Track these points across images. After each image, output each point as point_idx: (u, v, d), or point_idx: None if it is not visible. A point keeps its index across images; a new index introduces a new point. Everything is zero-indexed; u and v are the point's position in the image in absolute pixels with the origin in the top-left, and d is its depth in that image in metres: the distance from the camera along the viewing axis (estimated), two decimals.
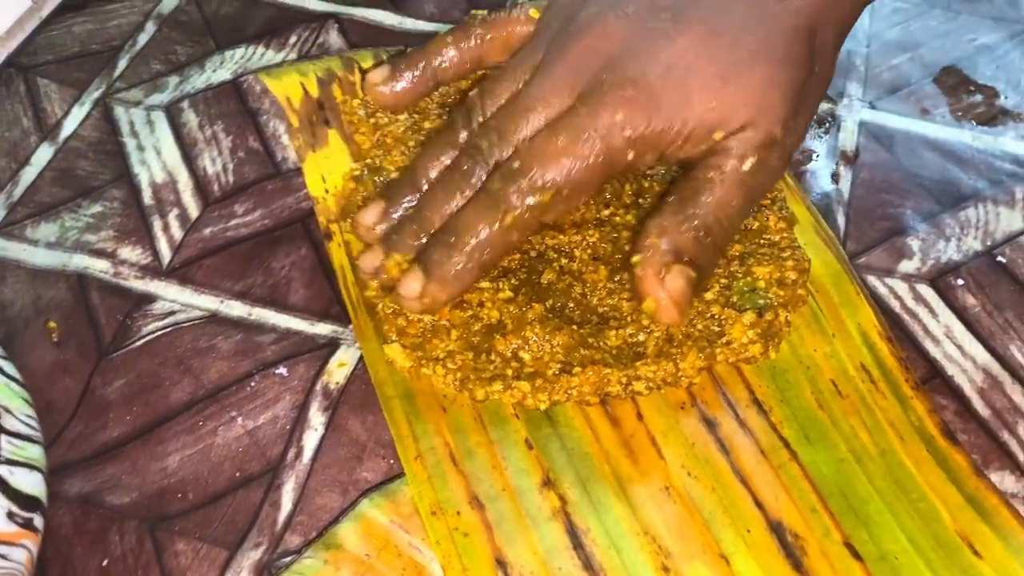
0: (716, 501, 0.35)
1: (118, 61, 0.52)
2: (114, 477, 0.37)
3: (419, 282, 0.36)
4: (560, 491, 0.35)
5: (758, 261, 0.40)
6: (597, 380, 0.37)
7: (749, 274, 0.40)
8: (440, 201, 0.37)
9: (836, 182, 0.46)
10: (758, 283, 0.40)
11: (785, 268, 0.40)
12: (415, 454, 0.36)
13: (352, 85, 0.49)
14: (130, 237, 0.44)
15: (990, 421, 0.38)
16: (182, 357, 0.40)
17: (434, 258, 0.36)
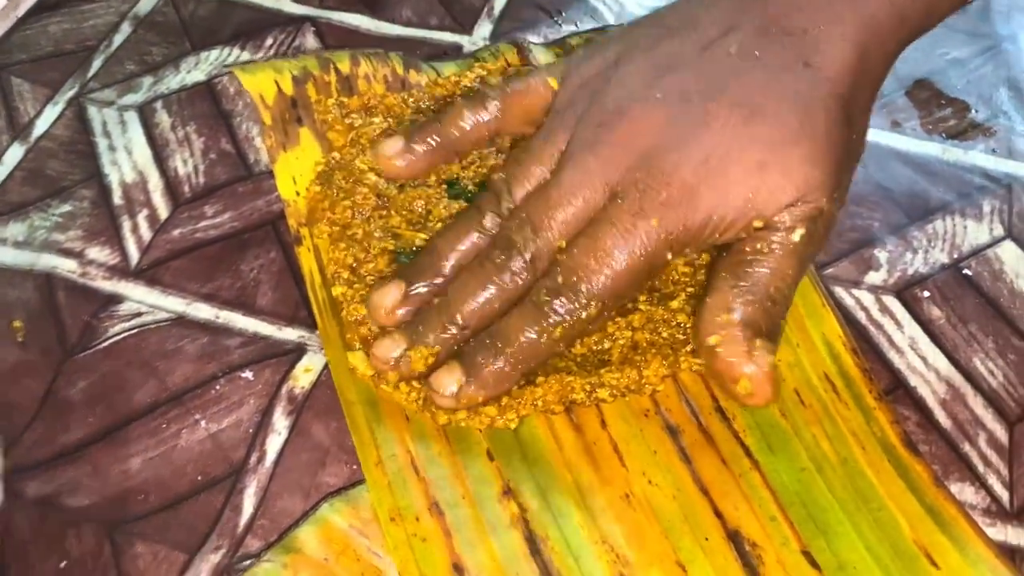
0: (676, 509, 0.35)
1: (93, 61, 0.52)
2: (74, 479, 0.37)
3: (457, 382, 0.35)
4: (520, 500, 0.35)
5: None
6: (560, 388, 0.37)
7: None
8: (470, 294, 0.36)
9: None
10: None
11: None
12: (376, 460, 0.36)
13: (327, 85, 0.49)
14: (99, 237, 0.44)
15: (951, 432, 0.39)
16: (147, 359, 0.40)
17: (477, 360, 0.35)
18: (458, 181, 0.45)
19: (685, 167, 0.35)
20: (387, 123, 0.47)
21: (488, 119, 0.41)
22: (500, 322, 0.36)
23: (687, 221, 0.34)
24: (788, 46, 0.36)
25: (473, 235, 0.38)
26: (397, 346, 0.36)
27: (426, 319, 0.37)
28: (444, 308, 0.36)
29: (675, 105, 0.36)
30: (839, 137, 0.35)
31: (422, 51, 0.53)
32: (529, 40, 0.52)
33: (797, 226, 0.35)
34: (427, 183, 0.44)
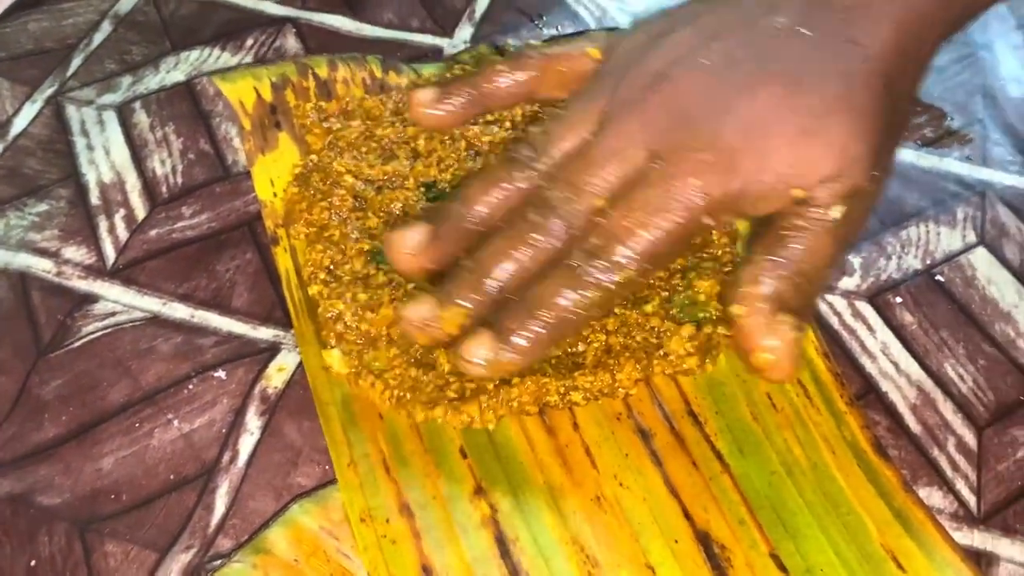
0: (646, 511, 0.35)
1: (72, 60, 0.52)
2: (46, 478, 0.37)
3: (488, 349, 0.33)
4: (491, 500, 0.35)
5: (700, 275, 0.41)
6: (536, 389, 0.37)
7: (690, 288, 0.40)
8: (504, 254, 0.35)
9: None
10: (699, 297, 0.40)
11: (726, 283, 0.40)
12: (348, 460, 0.36)
13: (305, 90, 0.49)
14: (75, 237, 0.44)
15: (921, 437, 0.39)
16: (121, 358, 0.40)
17: (510, 326, 0.34)
18: (435, 184, 0.45)
19: (728, 132, 0.34)
20: (365, 126, 0.47)
21: (524, 79, 0.40)
22: (534, 287, 0.34)
23: (727, 186, 0.34)
24: (833, 23, 0.36)
25: (505, 186, 0.36)
26: (428, 307, 0.35)
27: (457, 279, 0.35)
28: (477, 267, 0.35)
29: (719, 71, 0.35)
30: (881, 115, 0.35)
31: (402, 53, 0.53)
32: (510, 43, 0.53)
33: (835, 203, 0.34)
34: (405, 185, 0.45)
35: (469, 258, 0.35)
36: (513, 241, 0.35)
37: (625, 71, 0.37)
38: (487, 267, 0.35)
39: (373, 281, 0.41)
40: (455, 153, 0.46)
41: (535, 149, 0.36)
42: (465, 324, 0.34)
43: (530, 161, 0.36)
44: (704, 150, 0.34)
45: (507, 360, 0.34)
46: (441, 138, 0.46)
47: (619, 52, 0.38)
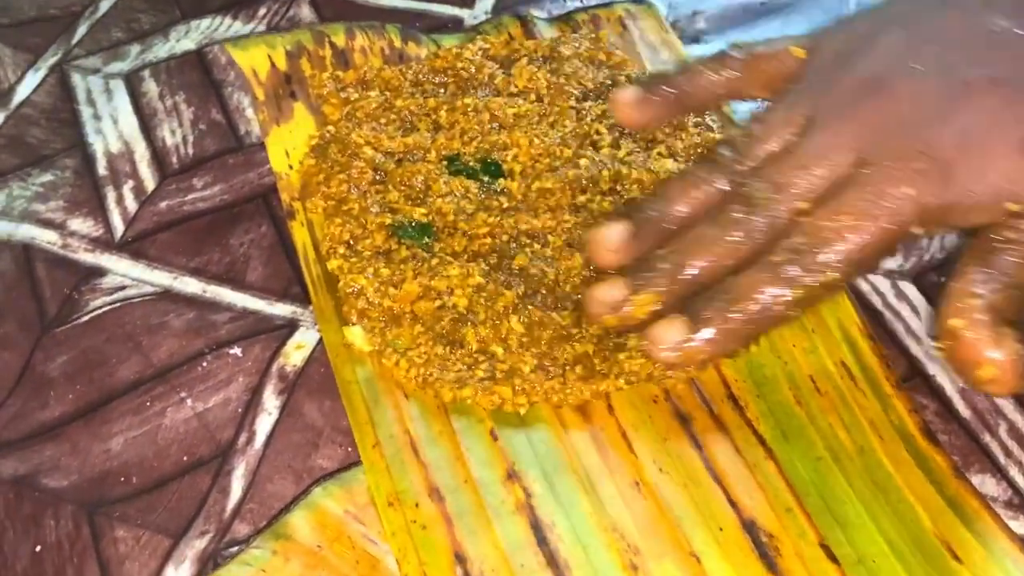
0: (688, 498, 0.34)
1: (77, 27, 0.50)
2: (52, 458, 0.35)
3: (681, 335, 0.33)
4: (525, 484, 0.34)
5: None
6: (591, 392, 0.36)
7: None
8: (703, 246, 0.34)
9: None
10: None
11: None
12: (373, 442, 0.34)
13: (322, 59, 0.47)
14: (81, 208, 0.42)
15: (971, 422, 0.37)
16: (131, 333, 0.38)
17: (705, 315, 0.33)
18: (459, 157, 0.43)
19: (944, 140, 0.33)
20: (384, 97, 0.45)
21: (728, 79, 0.39)
22: (732, 279, 0.34)
23: (941, 195, 0.33)
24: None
25: (706, 187, 0.36)
26: (619, 290, 0.34)
27: (653, 266, 0.35)
28: (674, 257, 0.35)
29: (934, 77, 0.34)
30: None
31: (421, 24, 0.51)
32: (533, 14, 0.51)
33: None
34: (426, 158, 0.43)
35: (664, 249, 0.35)
36: (713, 234, 0.34)
37: (833, 73, 0.36)
38: (685, 257, 0.34)
39: (395, 256, 0.39)
40: (479, 125, 0.44)
41: (737, 150, 0.36)
42: (654, 310, 0.34)
43: (732, 162, 0.36)
44: (918, 159, 0.33)
45: (696, 349, 0.33)
46: (464, 110, 0.44)
47: (825, 52, 0.37)
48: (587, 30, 0.50)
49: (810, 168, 0.34)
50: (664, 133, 0.44)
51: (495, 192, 0.42)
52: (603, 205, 0.41)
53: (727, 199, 0.35)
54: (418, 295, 0.37)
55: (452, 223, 0.40)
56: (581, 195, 0.42)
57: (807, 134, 0.35)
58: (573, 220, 0.40)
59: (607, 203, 0.41)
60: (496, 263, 0.39)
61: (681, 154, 0.44)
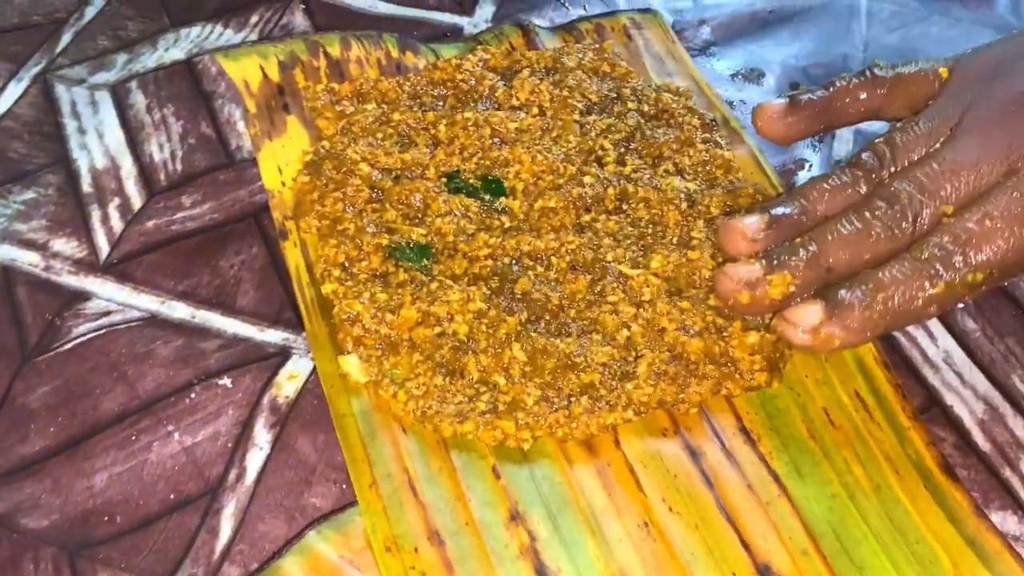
0: (699, 540, 0.32)
1: (62, 35, 0.48)
2: (32, 496, 0.33)
3: (818, 318, 0.33)
4: (529, 526, 0.32)
5: None
6: (597, 425, 0.34)
7: None
8: (843, 237, 0.35)
9: None
10: None
11: None
12: (370, 481, 0.33)
13: (316, 70, 0.45)
14: (65, 228, 0.40)
15: (991, 456, 0.36)
16: (116, 363, 0.36)
17: (845, 301, 0.33)
18: (459, 173, 0.41)
19: None
20: (381, 110, 0.44)
21: (873, 96, 0.39)
22: (873, 271, 0.34)
23: None
24: None
25: (846, 190, 0.36)
26: (755, 271, 0.35)
27: (790, 249, 0.35)
28: (812, 243, 0.35)
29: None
30: None
31: (419, 32, 0.49)
32: (535, 23, 0.49)
33: None
34: (425, 175, 0.41)
35: (803, 238, 0.35)
36: (854, 228, 0.35)
37: (981, 88, 0.37)
38: (823, 246, 0.35)
39: (393, 279, 0.38)
40: (479, 140, 0.42)
41: (881, 157, 0.37)
42: (789, 293, 0.34)
43: (875, 168, 0.36)
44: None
45: (833, 334, 0.33)
46: (464, 125, 0.43)
47: (970, 71, 0.38)
48: (591, 40, 0.48)
49: (959, 173, 0.35)
50: (671, 150, 0.43)
51: (496, 211, 0.40)
52: (608, 225, 0.40)
53: (868, 198, 0.36)
54: (417, 321, 0.36)
55: (452, 244, 0.39)
56: (585, 214, 0.40)
57: (955, 142, 0.35)
58: (577, 240, 0.39)
59: (612, 222, 0.40)
60: (498, 287, 0.38)
61: (689, 171, 0.42)
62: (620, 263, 0.38)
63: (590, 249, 0.39)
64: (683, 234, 0.39)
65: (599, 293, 0.37)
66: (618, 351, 0.36)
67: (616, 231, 0.40)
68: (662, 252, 0.38)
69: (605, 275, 0.38)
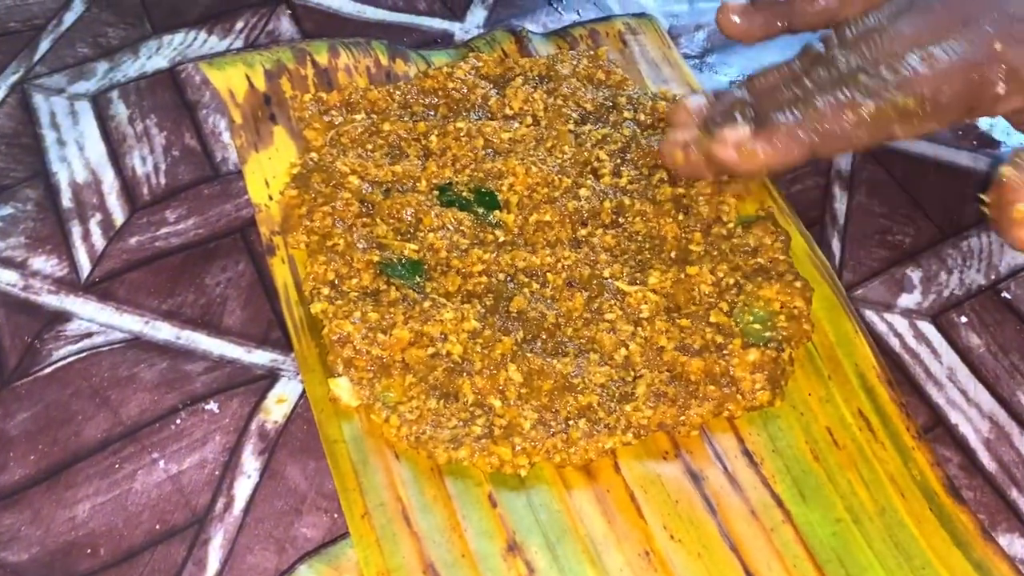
0: (702, 569, 0.31)
1: (40, 42, 0.46)
2: (12, 528, 0.32)
3: (746, 133, 0.35)
4: (527, 557, 0.31)
5: (759, 286, 0.37)
6: (596, 450, 0.33)
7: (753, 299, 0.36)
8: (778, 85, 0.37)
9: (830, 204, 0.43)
10: (771, 306, 0.36)
11: (793, 291, 0.36)
12: (362, 511, 0.32)
13: (303, 79, 0.44)
14: (44, 245, 0.39)
15: (997, 476, 0.35)
16: (98, 387, 0.35)
17: (775, 121, 0.35)
18: (451, 186, 0.40)
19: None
20: (370, 120, 0.42)
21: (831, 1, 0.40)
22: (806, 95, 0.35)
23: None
24: None
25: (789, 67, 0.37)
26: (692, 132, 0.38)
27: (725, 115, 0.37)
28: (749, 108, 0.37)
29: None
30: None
31: (409, 39, 0.48)
32: (527, 29, 0.48)
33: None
34: (416, 188, 0.40)
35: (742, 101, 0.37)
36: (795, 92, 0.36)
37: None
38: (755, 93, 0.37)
39: (384, 297, 0.37)
40: (472, 152, 0.41)
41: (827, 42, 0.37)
42: None
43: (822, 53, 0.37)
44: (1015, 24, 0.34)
45: (757, 150, 0.35)
46: (456, 135, 0.41)
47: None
48: (585, 46, 0.47)
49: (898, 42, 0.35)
50: None
51: (490, 225, 0.39)
52: (605, 239, 0.39)
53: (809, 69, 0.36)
54: (409, 341, 0.35)
55: (445, 260, 0.38)
56: (581, 228, 0.39)
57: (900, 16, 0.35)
58: (573, 256, 0.38)
59: (609, 237, 0.39)
60: (492, 305, 0.37)
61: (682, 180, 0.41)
62: (617, 279, 0.37)
63: (587, 265, 0.38)
64: (681, 248, 0.38)
65: (596, 310, 0.37)
66: (616, 371, 0.35)
67: (613, 246, 0.39)
68: (660, 268, 0.37)
69: (602, 292, 0.37)
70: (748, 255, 0.38)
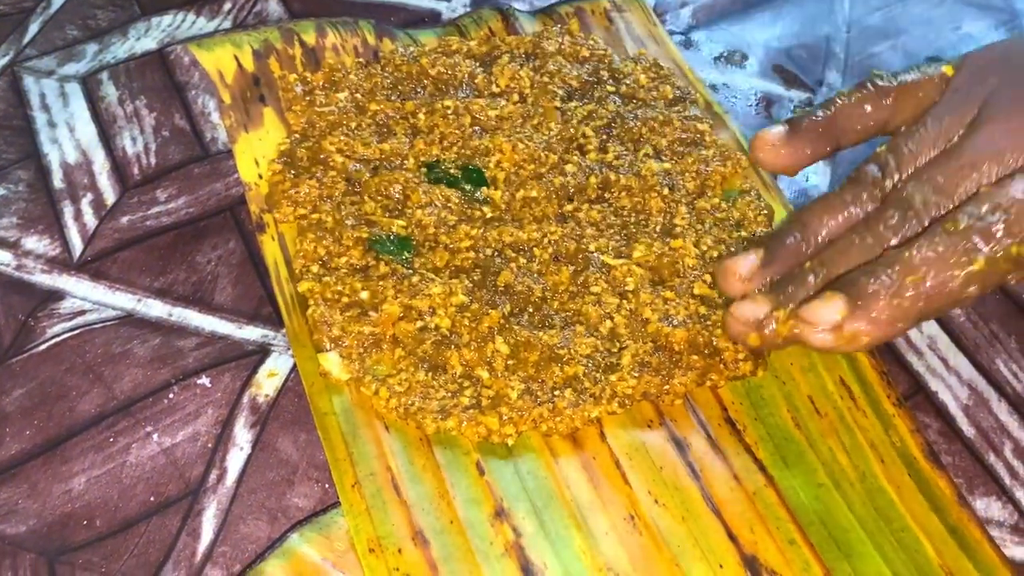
0: (686, 532, 0.32)
1: (29, 25, 0.47)
2: (9, 501, 0.32)
3: (840, 312, 0.30)
4: (514, 523, 0.32)
5: None
6: (582, 419, 0.34)
7: None
8: (855, 249, 0.32)
9: None
10: None
11: None
12: (352, 480, 0.32)
13: (291, 59, 0.44)
14: (36, 225, 0.39)
15: (975, 442, 0.36)
16: (92, 364, 0.36)
17: (870, 289, 0.30)
18: (439, 163, 0.41)
19: None
20: (355, 99, 0.43)
21: (879, 108, 0.36)
22: (899, 250, 0.31)
23: None
24: None
25: (850, 209, 0.33)
26: (761, 308, 0.32)
27: (797, 279, 0.32)
28: (821, 267, 0.32)
29: None
30: None
31: (397, 18, 0.48)
32: (514, 7, 0.48)
33: None
34: (404, 166, 0.40)
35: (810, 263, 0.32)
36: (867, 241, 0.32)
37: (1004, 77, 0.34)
38: (836, 266, 0.32)
39: (373, 272, 0.37)
40: (459, 129, 0.42)
41: (884, 167, 0.33)
42: None
43: (881, 181, 0.33)
44: None
45: (860, 330, 0.30)
46: (443, 113, 0.42)
47: (983, 64, 0.35)
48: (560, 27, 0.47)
49: (980, 166, 0.31)
50: (650, 130, 0.42)
51: (477, 201, 0.40)
52: (591, 214, 0.39)
53: (878, 211, 0.32)
54: (399, 316, 0.35)
55: (433, 236, 0.38)
56: (568, 204, 0.40)
57: (975, 134, 0.32)
58: (560, 231, 0.38)
59: (595, 212, 0.39)
60: (480, 279, 0.37)
61: (666, 152, 0.42)
62: (603, 253, 0.38)
63: (573, 239, 0.38)
64: (666, 222, 0.39)
65: (582, 284, 0.37)
66: (602, 342, 0.35)
67: (599, 220, 0.39)
68: (645, 241, 0.38)
69: (588, 266, 0.37)
70: (732, 228, 0.39)
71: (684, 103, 0.44)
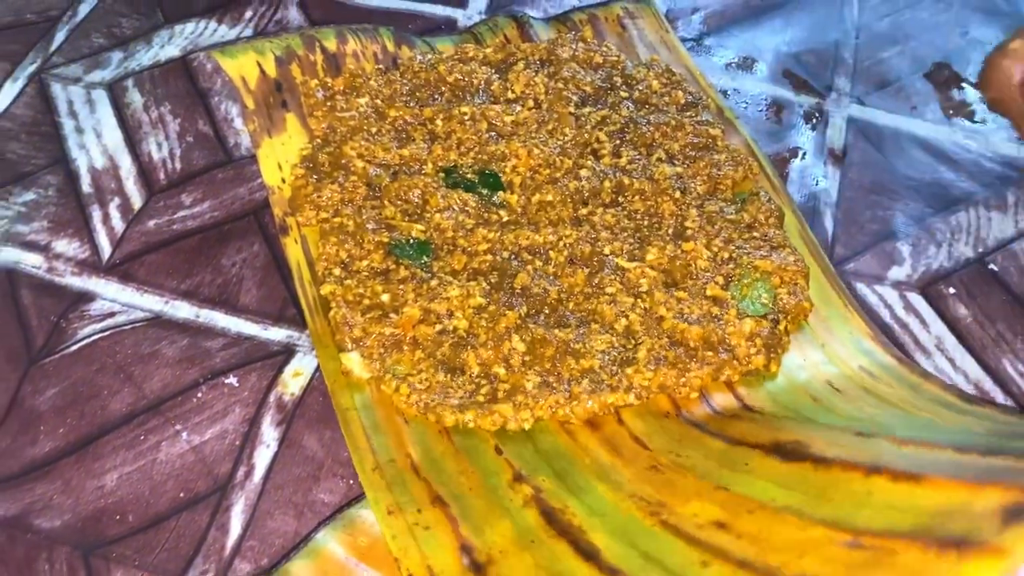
0: (713, 464, 0.32)
1: (56, 33, 0.48)
2: (44, 497, 0.33)
3: None
4: (534, 483, 0.32)
5: (755, 258, 0.38)
6: (599, 403, 0.35)
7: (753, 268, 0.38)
8: None
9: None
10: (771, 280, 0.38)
11: (789, 267, 0.38)
12: (373, 465, 0.33)
13: (313, 65, 0.45)
14: (66, 229, 0.40)
15: None
16: (122, 364, 0.37)
17: None
18: (456, 168, 0.42)
19: None
20: (375, 105, 0.44)
21: None
22: None
23: None
24: None
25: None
26: None
27: None
28: None
29: None
30: None
31: (414, 25, 0.49)
32: (529, 14, 0.49)
33: None
34: (423, 171, 0.41)
35: None
36: None
37: None
38: None
39: (393, 276, 0.38)
40: (476, 135, 0.43)
41: None
42: None
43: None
44: None
45: None
46: (460, 119, 0.43)
47: None
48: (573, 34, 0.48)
49: None
50: (662, 135, 0.43)
51: (494, 205, 0.41)
52: (605, 218, 0.40)
53: None
54: (418, 319, 0.36)
55: (451, 239, 0.39)
56: (583, 207, 0.41)
57: None
58: (575, 234, 0.39)
59: (609, 215, 0.40)
60: (497, 282, 0.38)
61: (678, 156, 0.42)
62: (617, 256, 0.39)
63: (588, 242, 0.39)
64: (678, 224, 0.40)
65: (597, 286, 0.38)
66: (617, 339, 0.36)
67: (613, 224, 0.40)
68: (658, 244, 0.39)
69: (603, 268, 0.38)
70: (744, 230, 0.40)
71: (696, 108, 0.45)
